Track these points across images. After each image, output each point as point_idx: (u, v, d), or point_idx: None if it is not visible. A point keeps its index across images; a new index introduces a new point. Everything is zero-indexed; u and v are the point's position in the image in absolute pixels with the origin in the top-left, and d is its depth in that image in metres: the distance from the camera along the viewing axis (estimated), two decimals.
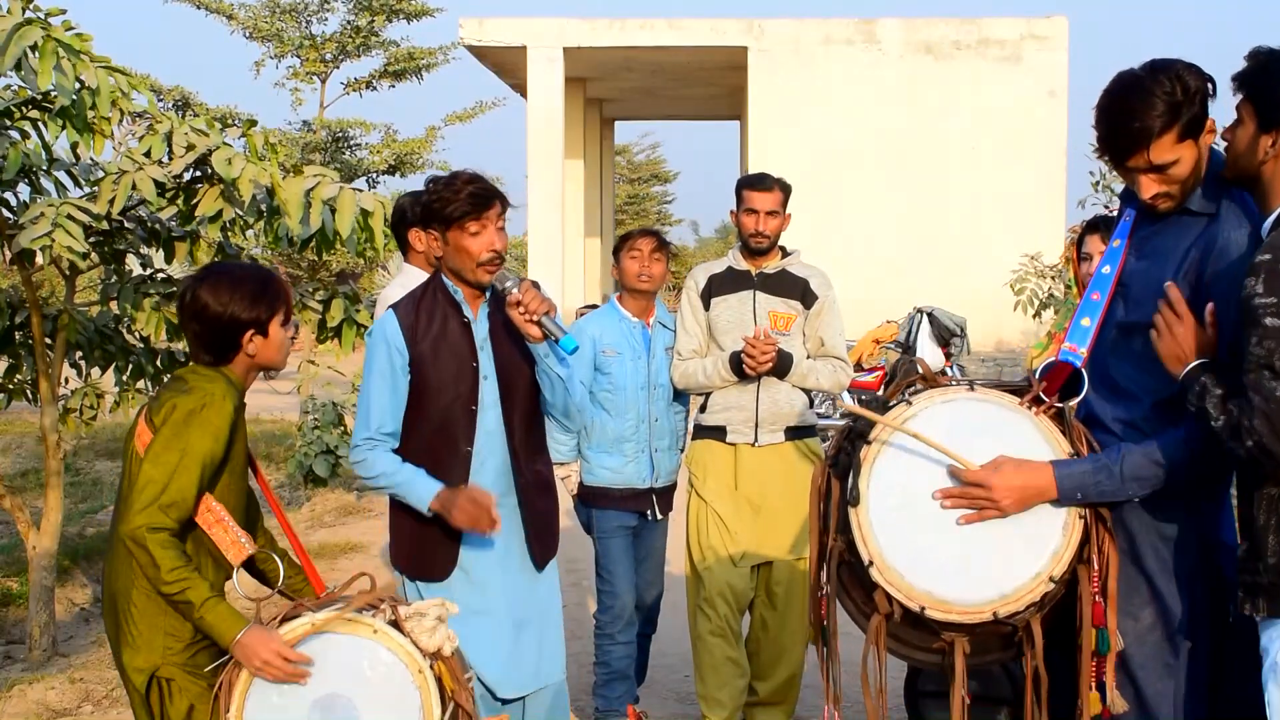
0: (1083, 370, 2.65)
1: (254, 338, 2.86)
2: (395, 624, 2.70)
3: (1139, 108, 2.54)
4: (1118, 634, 2.55)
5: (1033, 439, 2.59)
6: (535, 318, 3.20)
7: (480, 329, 3.35)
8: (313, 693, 2.66)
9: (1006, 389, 2.67)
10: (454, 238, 3.26)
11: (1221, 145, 2.59)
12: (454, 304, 3.34)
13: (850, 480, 2.62)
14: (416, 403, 3.32)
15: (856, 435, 2.68)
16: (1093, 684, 2.54)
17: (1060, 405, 2.61)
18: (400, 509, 3.42)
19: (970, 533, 2.56)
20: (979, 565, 2.55)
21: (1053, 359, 2.68)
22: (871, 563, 2.56)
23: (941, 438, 2.57)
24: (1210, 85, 2.57)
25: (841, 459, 2.72)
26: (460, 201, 3.22)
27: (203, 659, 2.75)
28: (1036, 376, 2.64)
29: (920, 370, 2.74)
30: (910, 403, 2.63)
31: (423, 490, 3.26)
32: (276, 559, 2.97)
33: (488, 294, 3.36)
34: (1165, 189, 2.61)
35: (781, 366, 4.45)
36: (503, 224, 3.31)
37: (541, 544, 3.44)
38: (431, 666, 2.69)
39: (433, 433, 3.31)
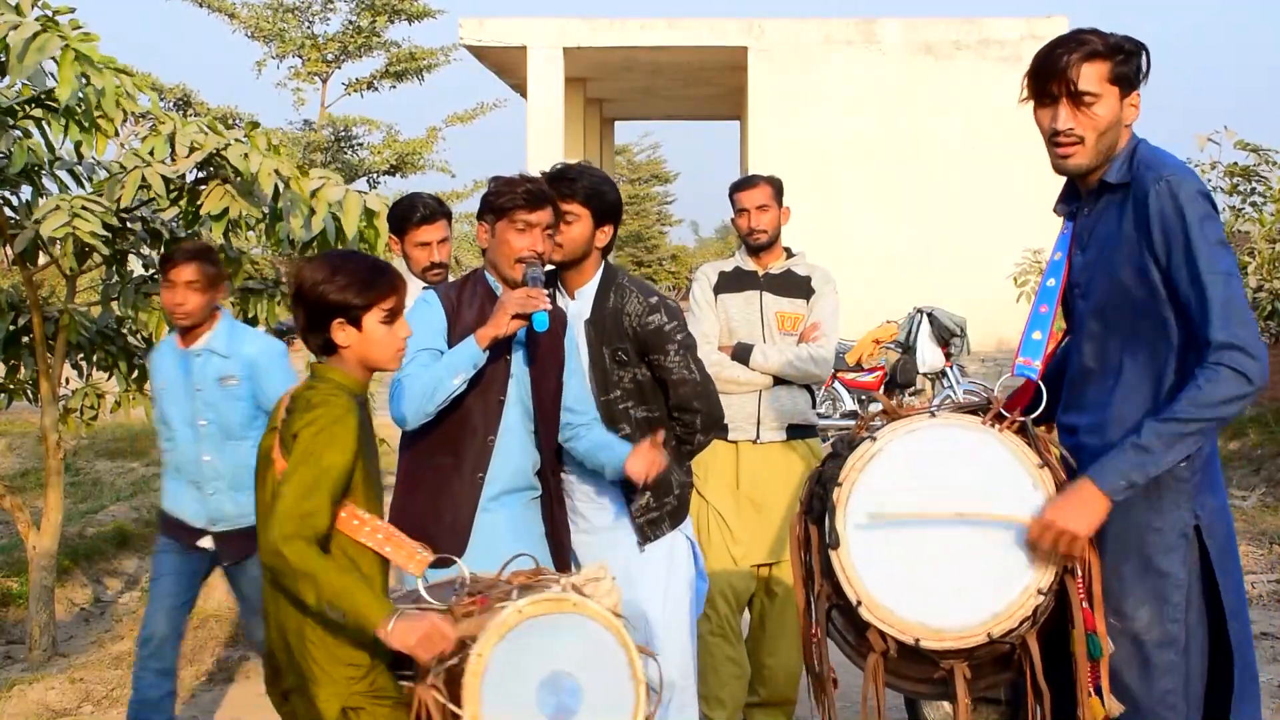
0: (1040, 383, 2.68)
1: (344, 326, 2.70)
2: (578, 593, 2.71)
3: (1080, 35, 2.62)
4: (1108, 639, 2.55)
5: (998, 453, 2.61)
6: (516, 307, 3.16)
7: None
8: (537, 675, 2.66)
9: (969, 410, 2.69)
10: (501, 229, 3.28)
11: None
12: (493, 297, 3.32)
13: (827, 524, 2.62)
14: None
15: (828, 479, 2.68)
16: (1091, 690, 2.54)
17: (1022, 419, 2.63)
18: (408, 486, 3.36)
19: (955, 558, 2.57)
20: (967, 589, 2.55)
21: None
22: (860, 603, 2.57)
23: (908, 468, 2.60)
24: (1145, 59, 2.61)
25: (815, 504, 2.73)
26: (513, 195, 3.25)
27: (381, 681, 2.69)
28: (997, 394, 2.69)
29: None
30: (875, 438, 2.64)
31: (464, 347, 3.15)
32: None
33: None
34: (1078, 128, 2.59)
35: (741, 356, 4.48)
36: (552, 233, 3.31)
37: (560, 557, 3.39)
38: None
39: (455, 418, 3.25)
